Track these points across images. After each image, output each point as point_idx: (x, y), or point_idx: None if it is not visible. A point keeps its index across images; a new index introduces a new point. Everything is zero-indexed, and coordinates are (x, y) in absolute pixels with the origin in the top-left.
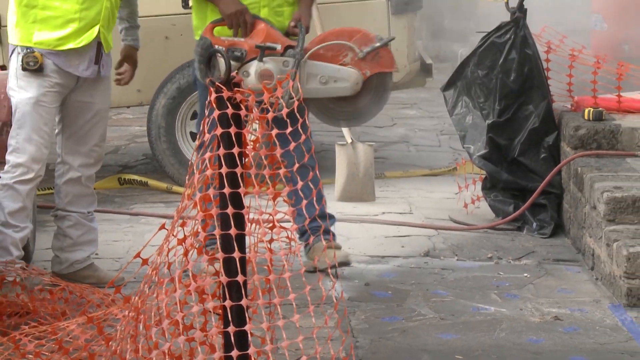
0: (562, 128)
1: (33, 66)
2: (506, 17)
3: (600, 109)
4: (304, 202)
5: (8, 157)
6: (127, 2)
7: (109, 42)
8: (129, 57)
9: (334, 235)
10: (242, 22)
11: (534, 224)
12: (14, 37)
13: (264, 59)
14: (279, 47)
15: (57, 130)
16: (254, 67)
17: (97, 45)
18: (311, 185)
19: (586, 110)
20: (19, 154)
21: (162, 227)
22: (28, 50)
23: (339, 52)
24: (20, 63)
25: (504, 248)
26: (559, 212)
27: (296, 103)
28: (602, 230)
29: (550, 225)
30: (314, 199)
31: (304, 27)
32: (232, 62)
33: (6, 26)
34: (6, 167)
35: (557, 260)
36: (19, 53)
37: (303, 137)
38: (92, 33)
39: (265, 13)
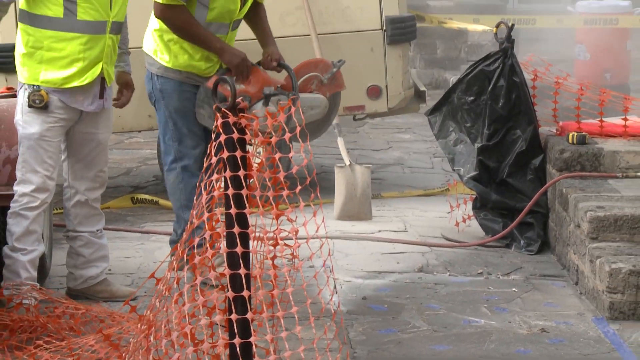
0: (548, 151)
1: (39, 104)
2: (495, 47)
3: (583, 133)
4: None
5: (16, 187)
6: None
7: (111, 76)
8: (127, 82)
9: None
10: (245, 69)
11: (522, 242)
12: (21, 75)
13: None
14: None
15: (63, 157)
16: (261, 110)
17: (101, 81)
18: None
19: (570, 135)
20: (25, 185)
21: (175, 249)
22: (34, 88)
23: (308, 81)
24: (27, 100)
25: (494, 264)
26: (545, 230)
27: (298, 128)
28: (585, 247)
29: (536, 242)
30: None
31: (287, 65)
32: None
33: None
34: (14, 196)
35: (543, 276)
36: (25, 89)
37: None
38: (96, 70)
39: None
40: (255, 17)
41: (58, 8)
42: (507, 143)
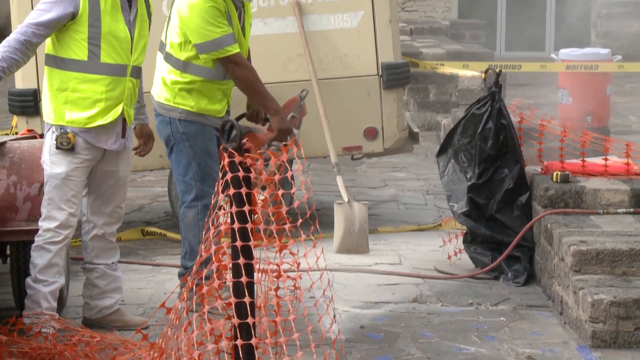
0: (534, 189)
1: (66, 146)
2: (484, 91)
3: (567, 172)
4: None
5: (41, 222)
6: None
7: (131, 117)
8: (149, 134)
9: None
10: (287, 137)
11: (509, 274)
12: (48, 116)
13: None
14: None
15: (83, 193)
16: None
17: (122, 121)
18: None
19: (554, 174)
20: (50, 221)
21: (184, 279)
22: (62, 131)
23: None
24: (54, 142)
25: (483, 295)
26: (531, 263)
27: (299, 166)
28: (569, 279)
29: (523, 274)
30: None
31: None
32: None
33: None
34: (39, 231)
35: (529, 306)
36: (53, 132)
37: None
38: (117, 110)
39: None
40: None
41: (83, 51)
42: (496, 181)
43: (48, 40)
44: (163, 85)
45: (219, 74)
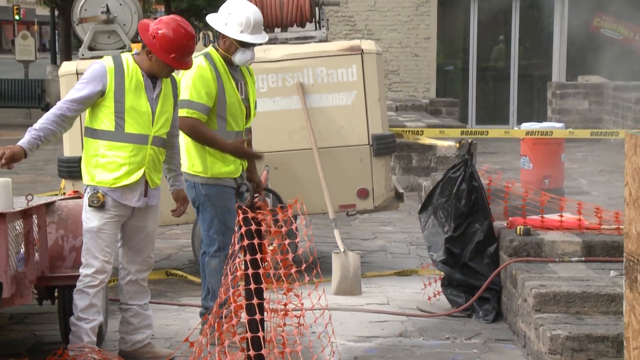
0: (501, 240)
1: (96, 204)
2: (459, 158)
3: (528, 226)
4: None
5: (81, 270)
6: (171, 156)
7: (154, 180)
8: (183, 197)
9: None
10: (242, 148)
11: (480, 312)
12: (83, 178)
13: None
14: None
15: (119, 245)
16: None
17: (145, 182)
18: None
19: (518, 228)
20: (87, 268)
21: (205, 317)
22: (94, 191)
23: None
24: (87, 201)
25: (458, 330)
26: (499, 303)
27: (302, 220)
28: (531, 317)
29: (492, 313)
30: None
31: (271, 189)
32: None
33: None
34: (80, 277)
35: (498, 340)
36: (88, 192)
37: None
38: (139, 173)
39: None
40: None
41: (111, 123)
42: (469, 234)
43: (86, 114)
44: (186, 154)
45: (221, 134)
